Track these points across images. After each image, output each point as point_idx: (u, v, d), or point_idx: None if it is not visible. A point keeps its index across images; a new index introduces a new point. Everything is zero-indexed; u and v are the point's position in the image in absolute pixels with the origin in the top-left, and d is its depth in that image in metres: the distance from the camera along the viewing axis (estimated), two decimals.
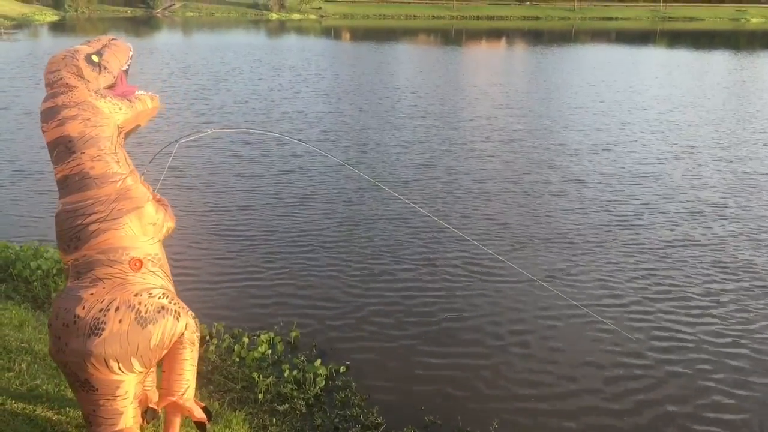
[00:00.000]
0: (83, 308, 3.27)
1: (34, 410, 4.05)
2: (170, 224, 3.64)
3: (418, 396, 5.87)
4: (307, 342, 6.67)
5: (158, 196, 3.70)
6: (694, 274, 8.46)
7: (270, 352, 6.33)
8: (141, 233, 3.43)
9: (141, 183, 3.58)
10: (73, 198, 3.38)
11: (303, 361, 6.21)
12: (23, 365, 4.74)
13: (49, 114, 3.38)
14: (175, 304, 3.47)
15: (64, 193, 3.41)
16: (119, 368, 3.30)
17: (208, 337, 6.52)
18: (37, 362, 4.87)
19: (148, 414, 3.77)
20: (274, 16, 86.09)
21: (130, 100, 3.59)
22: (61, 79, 3.41)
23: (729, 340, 6.87)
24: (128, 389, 3.39)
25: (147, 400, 3.77)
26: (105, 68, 3.52)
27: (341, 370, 6.16)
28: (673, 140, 16.32)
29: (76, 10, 79.30)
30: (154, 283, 3.44)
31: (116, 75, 3.59)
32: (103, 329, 3.24)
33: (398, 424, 5.43)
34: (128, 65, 3.70)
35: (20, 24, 61.14)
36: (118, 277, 3.35)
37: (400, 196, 10.26)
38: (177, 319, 3.43)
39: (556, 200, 11.37)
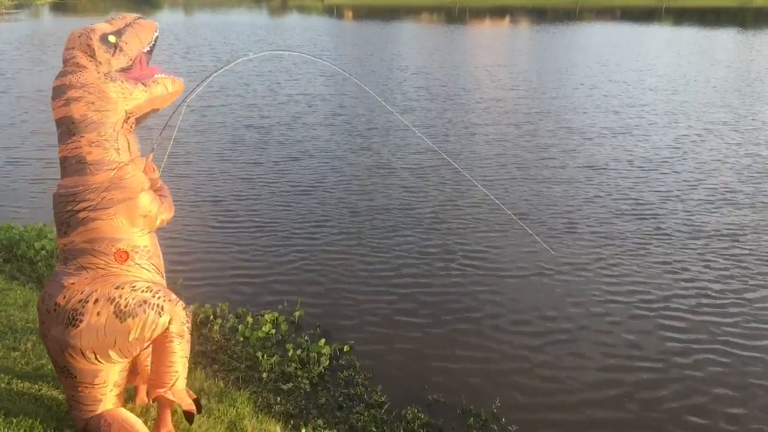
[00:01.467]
0: (64, 297, 3.26)
1: (40, 389, 4.08)
2: (165, 216, 3.55)
3: (422, 375, 5.89)
4: (311, 321, 6.69)
5: (159, 184, 3.64)
6: (712, 264, 8.18)
7: (274, 331, 6.35)
8: (130, 225, 3.37)
9: (147, 169, 3.53)
10: (67, 181, 3.35)
11: (307, 341, 6.23)
12: (28, 345, 4.76)
13: (57, 92, 3.34)
14: (159, 297, 3.37)
15: (62, 174, 3.39)
16: (96, 359, 3.29)
17: (212, 317, 6.54)
18: (42, 342, 4.89)
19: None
20: None
21: (145, 84, 3.46)
22: (73, 57, 3.34)
23: (750, 333, 6.72)
24: (107, 378, 3.39)
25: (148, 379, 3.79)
26: (121, 50, 3.40)
27: (345, 350, 6.19)
28: (686, 123, 15.89)
29: None
30: (139, 276, 3.39)
31: (133, 57, 3.46)
32: (81, 321, 3.22)
33: (402, 403, 5.45)
34: (151, 46, 3.56)
35: (21, 4, 60.80)
36: (102, 268, 3.32)
37: (464, 172, 10.21)
38: (159, 313, 3.33)
39: (567, 186, 11.12)
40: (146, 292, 3.34)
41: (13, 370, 4.27)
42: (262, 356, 5.86)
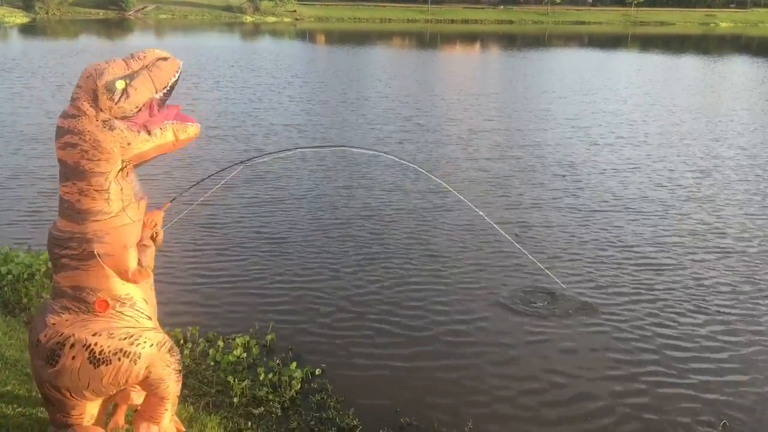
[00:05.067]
0: (45, 336, 3.38)
1: (5, 416, 4.01)
2: (142, 275, 3.52)
3: (394, 398, 5.88)
4: (282, 345, 6.65)
5: (157, 235, 3.73)
6: (719, 319, 7.44)
7: (245, 355, 6.30)
8: (108, 276, 3.40)
9: (149, 220, 3.63)
10: (60, 223, 3.41)
11: (278, 364, 6.19)
12: None
13: (58, 133, 3.33)
14: (137, 345, 3.44)
15: (58, 212, 3.45)
16: (71, 395, 3.43)
17: (182, 341, 6.47)
18: (8, 368, 4.81)
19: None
20: (248, 18, 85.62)
21: (150, 132, 3.34)
22: (77, 99, 3.27)
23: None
24: (83, 411, 3.53)
25: (129, 399, 3.87)
26: (128, 96, 3.25)
27: (317, 373, 6.16)
28: (678, 159, 15.08)
29: (47, 12, 78.05)
30: (119, 324, 3.44)
31: (141, 104, 3.31)
32: (57, 362, 3.35)
33: (374, 426, 5.43)
34: (166, 90, 3.43)
35: None
36: (83, 312, 3.40)
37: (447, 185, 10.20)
38: (134, 362, 3.42)
39: (555, 233, 10.17)
40: (124, 339, 3.42)
41: None
42: (233, 380, 5.80)
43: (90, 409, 3.54)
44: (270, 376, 5.94)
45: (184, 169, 12.93)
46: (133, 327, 3.47)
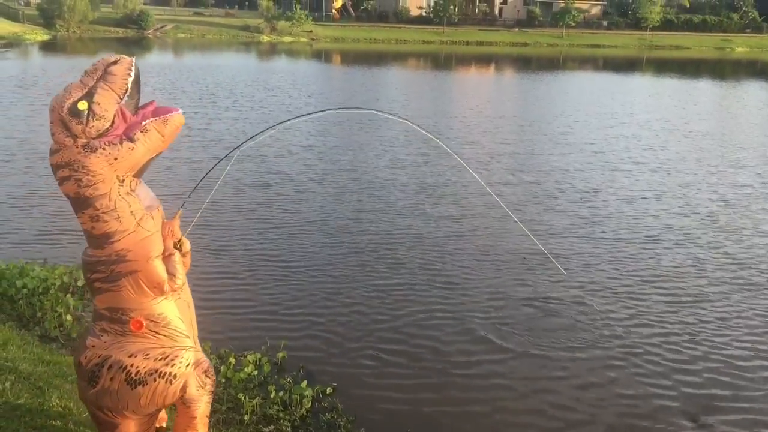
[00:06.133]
0: (85, 357, 3.49)
1: (17, 429, 4.02)
2: (173, 283, 3.57)
3: (405, 419, 5.86)
4: (294, 363, 6.65)
5: (180, 243, 3.73)
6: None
7: (256, 373, 6.30)
8: (141, 295, 3.44)
9: (167, 230, 3.58)
10: (89, 251, 3.48)
11: (289, 383, 6.19)
12: (7, 384, 4.70)
13: (53, 170, 3.36)
14: (173, 365, 3.50)
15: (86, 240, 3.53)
16: (113, 415, 3.52)
17: None
18: (21, 381, 4.83)
19: None
20: (265, 38, 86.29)
21: (133, 139, 3.26)
22: (53, 134, 3.29)
23: None
24: (128, 429, 3.60)
25: (159, 419, 3.94)
26: (95, 114, 3.20)
27: (328, 392, 6.15)
28: (699, 185, 14.75)
29: (68, 30, 79.06)
30: (155, 344, 3.50)
31: (111, 116, 3.25)
32: (97, 383, 3.46)
33: None
34: (128, 92, 3.29)
35: (10, 43, 60.98)
36: (119, 334, 3.48)
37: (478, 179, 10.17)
38: (170, 382, 3.50)
39: (572, 262, 9.97)
40: (159, 360, 3.49)
41: None
42: (244, 398, 5.80)
43: (134, 428, 3.61)
44: (281, 394, 5.94)
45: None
46: (169, 347, 3.53)
